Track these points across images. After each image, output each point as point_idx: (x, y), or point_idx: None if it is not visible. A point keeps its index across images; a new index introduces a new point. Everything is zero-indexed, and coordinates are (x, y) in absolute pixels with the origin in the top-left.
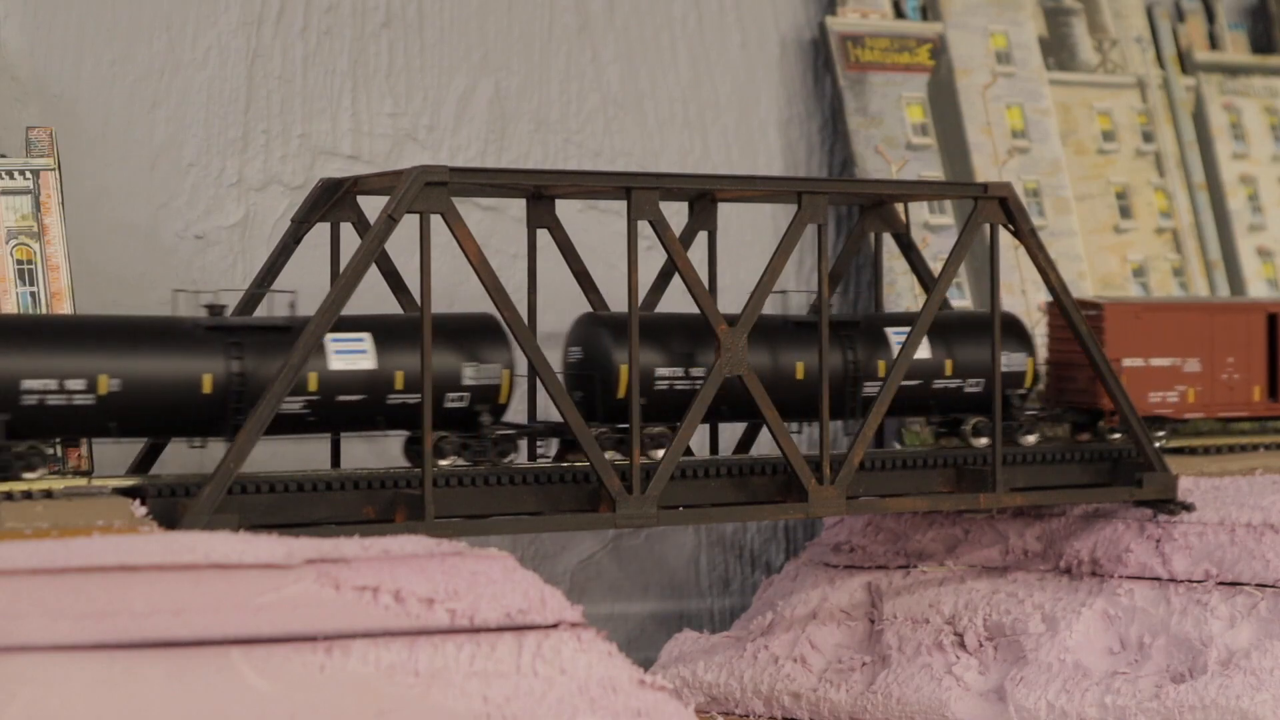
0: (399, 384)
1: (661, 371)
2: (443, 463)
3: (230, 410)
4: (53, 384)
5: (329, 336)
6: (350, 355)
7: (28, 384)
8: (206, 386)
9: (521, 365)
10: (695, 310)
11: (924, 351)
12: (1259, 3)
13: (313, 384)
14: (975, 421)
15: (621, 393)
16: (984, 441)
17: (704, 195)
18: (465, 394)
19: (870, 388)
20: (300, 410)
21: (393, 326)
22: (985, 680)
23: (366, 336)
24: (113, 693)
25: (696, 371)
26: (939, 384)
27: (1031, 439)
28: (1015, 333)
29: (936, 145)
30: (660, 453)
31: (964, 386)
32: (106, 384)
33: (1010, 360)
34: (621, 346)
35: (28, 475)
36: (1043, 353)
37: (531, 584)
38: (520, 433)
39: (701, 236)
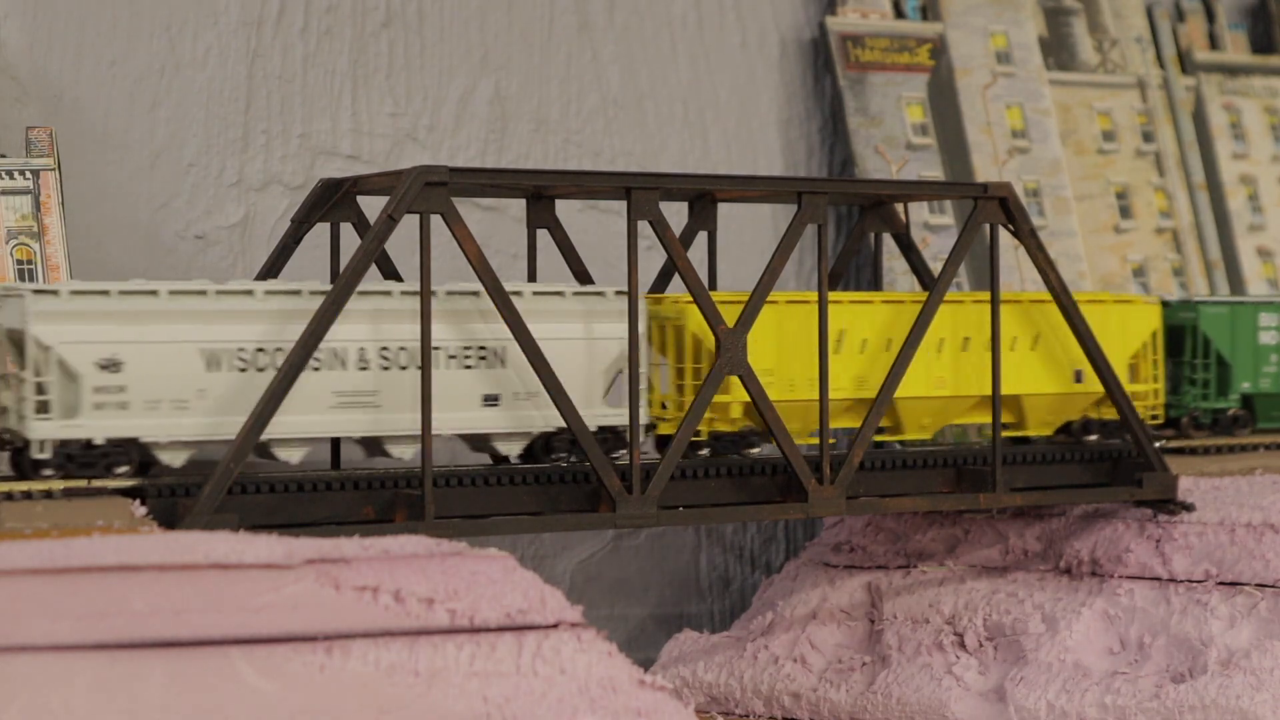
0: None
1: None
2: None
3: None
4: None
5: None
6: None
7: None
8: None
9: None
10: None
11: None
12: (1259, 3)
13: None
14: None
15: None
16: None
17: (704, 195)
18: None
19: None
20: None
21: None
22: (985, 680)
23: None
24: (113, 693)
25: None
26: None
27: None
28: None
29: (936, 145)
30: None
31: None
32: None
33: None
34: None
35: None
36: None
37: (531, 584)
38: None
39: (701, 236)
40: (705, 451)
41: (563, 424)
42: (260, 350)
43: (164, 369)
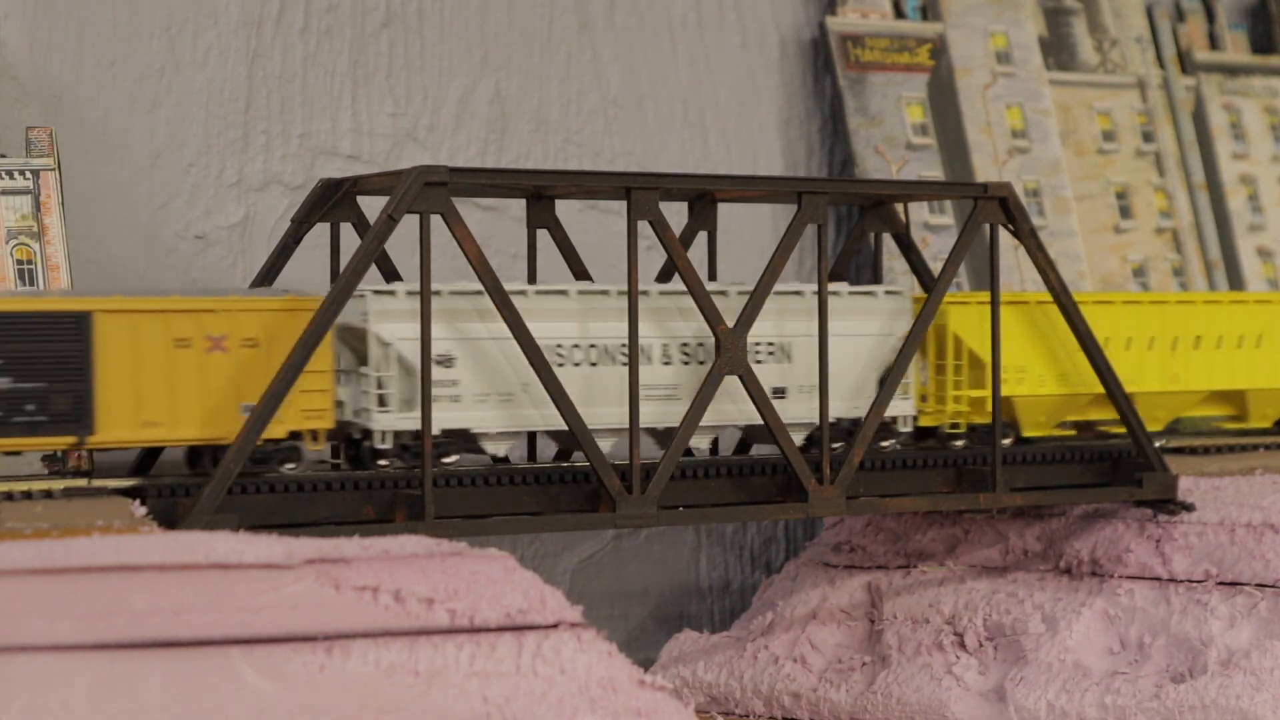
0: None
1: None
2: None
3: None
4: None
5: None
6: None
7: None
8: None
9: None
10: None
11: None
12: (1259, 3)
13: None
14: None
15: None
16: None
17: (704, 195)
18: None
19: None
20: None
21: None
22: (985, 680)
23: None
24: (113, 693)
25: None
26: None
27: None
28: None
29: (936, 145)
30: None
31: None
32: None
33: None
34: None
35: None
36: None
37: (531, 584)
38: None
39: (701, 236)
40: (961, 443)
41: (841, 415)
42: (575, 346)
43: (492, 364)
